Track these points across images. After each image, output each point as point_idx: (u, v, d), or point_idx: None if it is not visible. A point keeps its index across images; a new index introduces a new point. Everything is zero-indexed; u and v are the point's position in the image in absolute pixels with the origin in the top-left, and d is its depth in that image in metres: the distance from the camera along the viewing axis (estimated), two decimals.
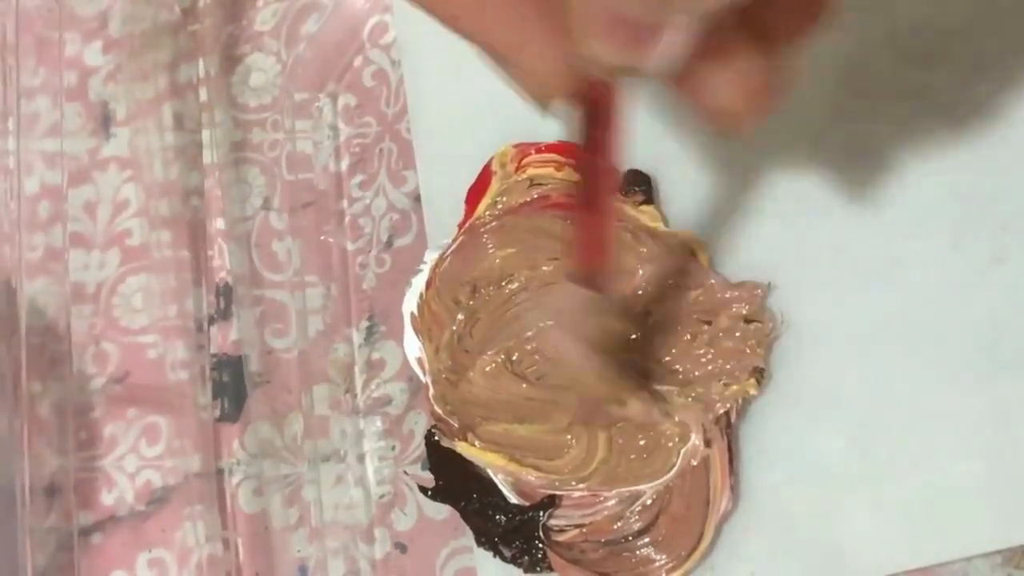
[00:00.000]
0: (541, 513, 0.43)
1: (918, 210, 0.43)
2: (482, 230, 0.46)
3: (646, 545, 0.42)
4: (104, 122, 0.53)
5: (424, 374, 0.46)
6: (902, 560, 0.41)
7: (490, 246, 0.46)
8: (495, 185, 0.47)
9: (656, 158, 0.46)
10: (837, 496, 0.42)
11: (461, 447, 0.44)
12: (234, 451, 0.47)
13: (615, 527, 0.43)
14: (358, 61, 0.52)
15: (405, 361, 0.48)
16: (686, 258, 0.44)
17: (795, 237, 0.44)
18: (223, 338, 0.49)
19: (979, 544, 0.40)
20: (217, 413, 0.48)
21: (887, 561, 0.41)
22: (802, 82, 0.44)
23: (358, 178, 0.51)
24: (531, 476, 0.43)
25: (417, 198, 0.49)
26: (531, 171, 0.47)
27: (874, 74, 0.45)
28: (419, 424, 0.47)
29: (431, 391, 0.45)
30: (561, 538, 0.43)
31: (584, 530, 0.43)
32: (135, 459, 0.49)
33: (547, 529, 0.43)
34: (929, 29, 0.45)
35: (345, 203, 0.50)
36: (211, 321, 0.49)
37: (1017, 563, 0.40)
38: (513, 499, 0.44)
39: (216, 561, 0.46)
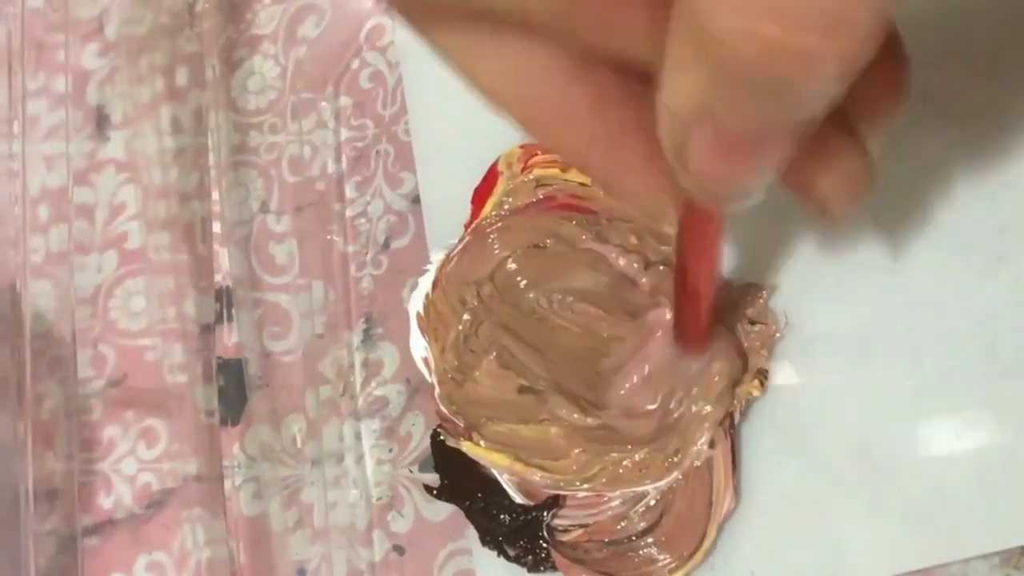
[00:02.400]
0: (545, 513, 0.43)
1: (918, 211, 0.43)
2: (488, 231, 0.46)
3: (649, 545, 0.42)
4: (101, 125, 0.53)
5: (430, 374, 0.46)
6: (901, 561, 0.41)
7: (496, 247, 0.46)
8: (501, 185, 0.47)
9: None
10: (837, 497, 0.42)
11: (466, 447, 0.44)
12: (233, 454, 0.47)
13: (619, 527, 0.43)
14: (355, 63, 0.52)
15: (402, 363, 0.48)
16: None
17: (797, 239, 0.44)
18: (222, 341, 0.49)
19: (977, 545, 0.40)
20: (216, 416, 0.48)
21: (886, 562, 0.41)
22: None
23: (355, 180, 0.51)
24: (536, 476, 0.43)
25: (414, 200, 0.50)
26: (537, 172, 0.47)
27: None
28: (416, 426, 0.47)
29: (437, 391, 0.45)
30: (565, 538, 0.43)
31: (588, 530, 0.43)
32: (133, 462, 0.49)
33: (551, 529, 0.43)
34: (929, 30, 0.45)
35: (342, 205, 0.50)
36: (210, 324, 0.49)
37: (1015, 564, 0.40)
38: (518, 499, 0.44)
39: (215, 564, 0.46)
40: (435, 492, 0.45)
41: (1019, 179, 0.43)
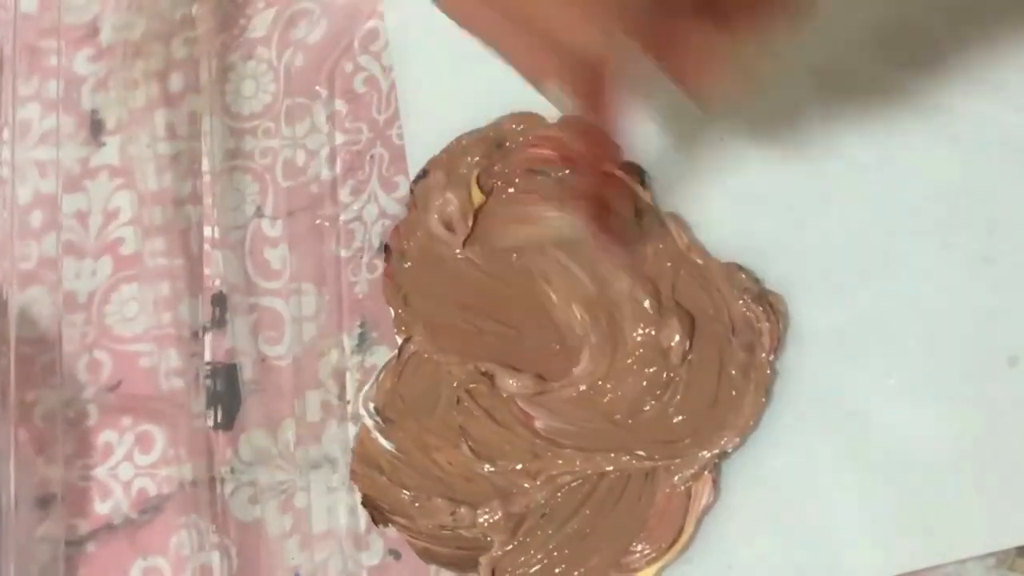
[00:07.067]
0: None
1: (906, 210, 0.43)
2: None
3: None
4: (95, 130, 0.53)
5: None
6: (895, 562, 0.41)
7: None
8: None
9: (652, 152, 0.46)
10: (822, 495, 0.42)
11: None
12: (228, 459, 0.47)
13: None
14: (349, 67, 0.52)
15: None
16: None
17: (787, 234, 0.44)
18: (217, 346, 0.49)
19: (972, 546, 0.40)
20: (211, 421, 0.48)
21: (879, 563, 0.41)
22: (790, 86, 0.45)
23: (350, 184, 0.51)
24: None
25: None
26: None
27: (860, 75, 0.45)
28: None
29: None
30: None
31: None
32: (129, 467, 0.49)
33: None
34: (919, 30, 0.45)
35: (337, 209, 0.50)
36: (205, 329, 0.49)
37: (1010, 565, 0.40)
38: None
39: (211, 569, 0.46)
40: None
41: (1007, 179, 0.43)
